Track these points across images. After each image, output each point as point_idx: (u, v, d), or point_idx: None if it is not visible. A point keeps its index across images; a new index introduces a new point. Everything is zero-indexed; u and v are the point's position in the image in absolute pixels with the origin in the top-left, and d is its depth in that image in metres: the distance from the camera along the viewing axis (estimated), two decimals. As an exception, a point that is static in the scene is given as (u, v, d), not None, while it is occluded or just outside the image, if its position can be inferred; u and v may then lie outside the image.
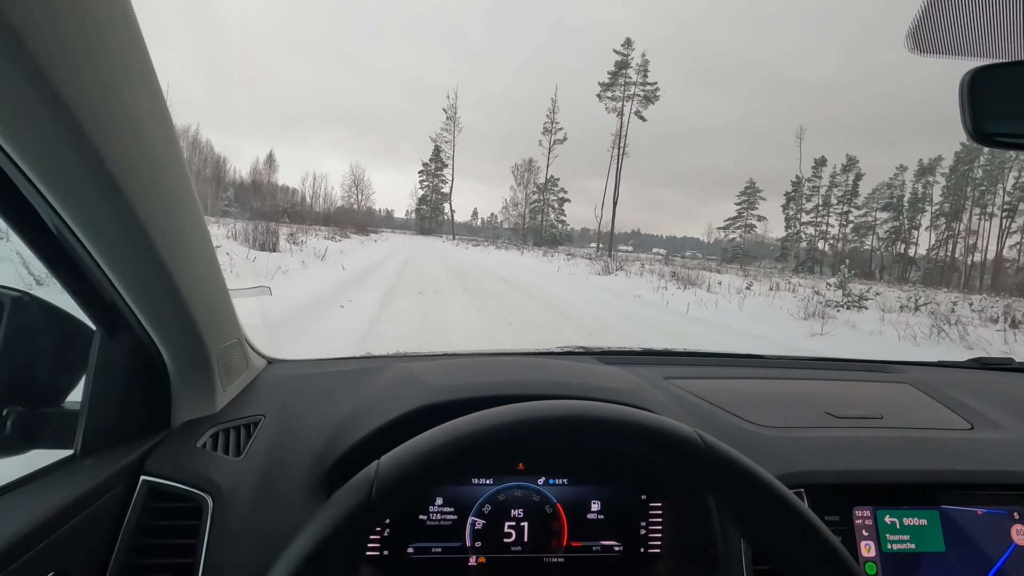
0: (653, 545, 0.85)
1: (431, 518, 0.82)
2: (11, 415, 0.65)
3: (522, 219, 75.49)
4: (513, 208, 78.74)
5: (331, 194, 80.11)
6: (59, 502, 0.57)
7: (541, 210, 71.98)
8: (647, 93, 60.08)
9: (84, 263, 0.60)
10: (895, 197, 60.95)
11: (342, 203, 76.47)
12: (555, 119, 68.09)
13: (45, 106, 0.44)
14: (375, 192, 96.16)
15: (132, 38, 0.52)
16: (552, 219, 71.00)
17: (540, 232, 69.70)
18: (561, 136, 68.27)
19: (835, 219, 64.33)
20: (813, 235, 65.63)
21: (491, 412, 0.46)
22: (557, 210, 71.60)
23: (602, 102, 60.59)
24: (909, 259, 59.14)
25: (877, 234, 62.43)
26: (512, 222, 78.34)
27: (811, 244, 65.11)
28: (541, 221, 71.15)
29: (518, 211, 77.52)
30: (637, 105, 60.01)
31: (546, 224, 70.87)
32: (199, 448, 0.75)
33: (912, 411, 1.04)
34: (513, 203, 78.70)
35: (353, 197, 79.32)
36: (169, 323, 0.71)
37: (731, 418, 0.94)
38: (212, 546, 0.66)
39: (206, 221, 0.74)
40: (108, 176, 0.51)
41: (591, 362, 1.15)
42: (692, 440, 0.44)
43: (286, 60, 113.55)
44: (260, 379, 0.99)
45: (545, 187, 70.77)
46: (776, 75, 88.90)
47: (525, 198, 76.20)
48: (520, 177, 77.58)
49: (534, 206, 73.62)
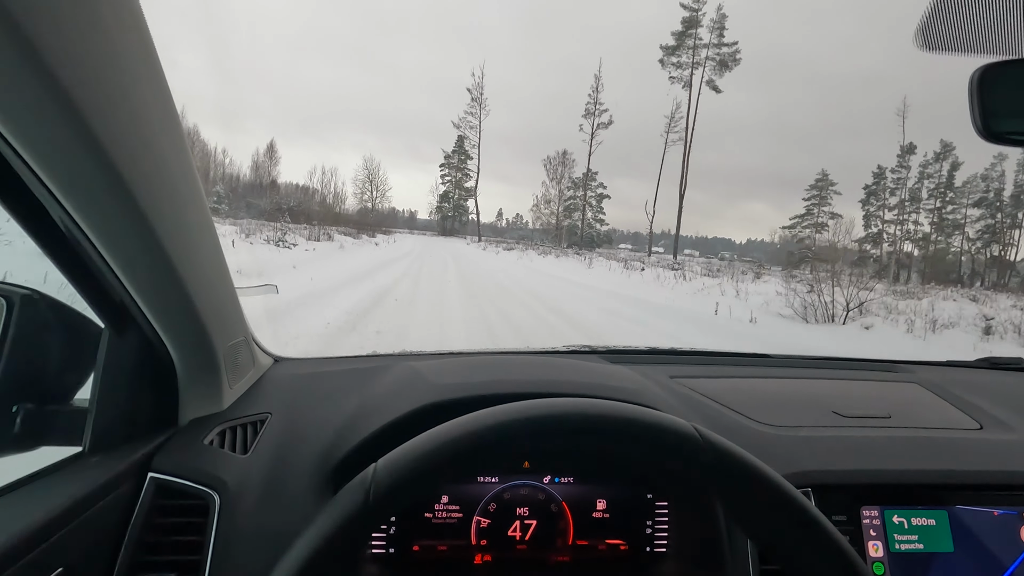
0: (659, 544, 0.85)
1: (437, 516, 0.82)
2: (20, 412, 0.66)
3: (555, 218, 66.27)
4: (545, 206, 68.67)
5: (342, 190, 70.12)
6: (67, 499, 0.58)
7: (578, 207, 62.58)
8: (724, 57, 45.59)
9: (93, 262, 0.60)
10: (991, 191, 47.75)
11: (355, 200, 67.91)
12: (598, 99, 56.37)
13: (55, 107, 0.44)
14: (391, 188, 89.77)
15: (141, 41, 0.52)
16: (589, 218, 61.89)
17: (577, 232, 61.18)
18: (606, 119, 56.99)
19: (924, 216, 50.95)
20: (897, 235, 52.23)
21: (485, 413, 0.46)
22: (595, 208, 62.04)
23: (665, 69, 47.02)
24: (1007, 263, 46.97)
25: (967, 234, 49.82)
26: (544, 221, 68.64)
27: (896, 246, 52.00)
28: (581, 221, 61.83)
29: (550, 209, 67.65)
30: (709, 72, 46.29)
31: (583, 223, 61.91)
32: (206, 446, 0.75)
33: (920, 411, 1.03)
34: (545, 200, 68.53)
35: (367, 194, 69.91)
36: (177, 321, 0.72)
37: (738, 417, 0.93)
38: (219, 543, 0.66)
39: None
40: (117, 176, 0.52)
41: (597, 361, 1.15)
42: (690, 435, 0.44)
43: (308, 60, 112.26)
44: (267, 377, 1.00)
45: (584, 181, 61.18)
46: (809, 68, 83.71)
47: (559, 195, 66.25)
48: (553, 171, 67.34)
49: (569, 203, 64.06)
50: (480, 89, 65.73)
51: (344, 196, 64.00)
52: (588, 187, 61.75)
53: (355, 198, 67.86)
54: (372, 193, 69.90)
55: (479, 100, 66.01)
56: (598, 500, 0.85)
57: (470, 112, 66.69)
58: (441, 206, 72.12)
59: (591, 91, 56.85)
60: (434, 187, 76.53)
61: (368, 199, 69.46)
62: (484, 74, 66.43)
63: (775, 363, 1.28)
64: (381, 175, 71.35)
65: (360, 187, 69.65)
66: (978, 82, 0.69)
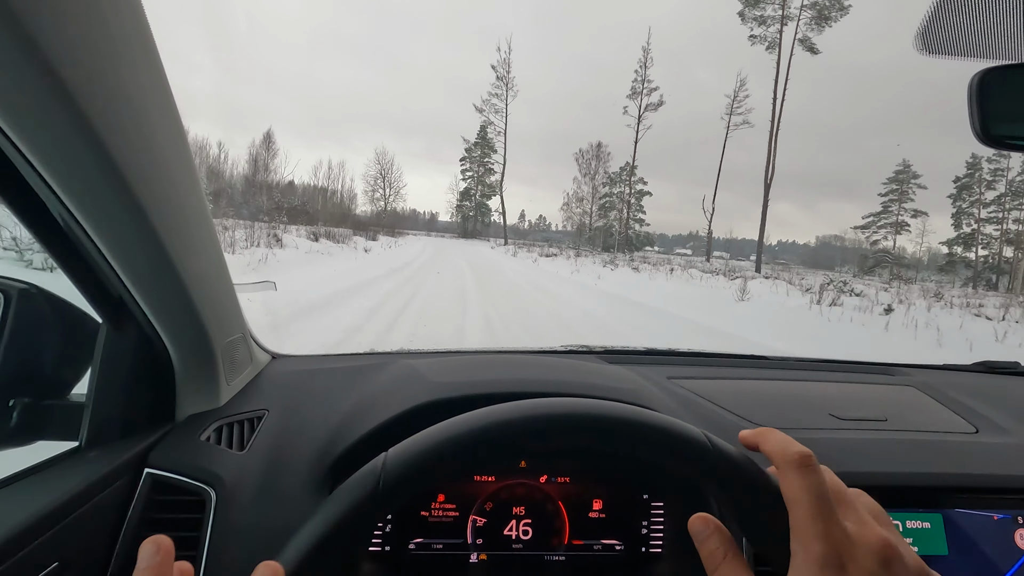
0: (654, 545, 0.85)
1: (433, 514, 0.82)
2: (17, 406, 0.66)
3: (588, 217, 58.45)
4: (576, 204, 60.87)
5: (350, 188, 66.17)
6: (64, 494, 0.58)
7: (614, 205, 55.27)
8: (822, 9, 35.39)
9: (91, 256, 0.60)
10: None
11: (366, 198, 63.07)
12: (646, 75, 48.24)
13: (54, 101, 0.44)
14: (406, 185, 79.26)
15: (142, 38, 0.52)
16: (627, 217, 54.27)
17: (613, 234, 53.93)
18: (655, 99, 48.72)
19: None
20: (995, 236, 42.67)
21: (499, 408, 0.46)
22: (634, 206, 54.17)
23: (745, 24, 36.97)
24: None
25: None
26: (576, 221, 60.63)
27: (992, 248, 42.82)
28: (619, 220, 54.38)
29: (583, 208, 59.89)
30: (803, 28, 36.14)
31: (620, 223, 54.10)
32: (203, 442, 0.75)
33: (916, 414, 1.03)
34: (576, 198, 60.74)
35: (379, 192, 63.53)
36: (174, 317, 0.71)
37: (734, 418, 0.93)
38: (215, 539, 0.66)
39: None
40: (116, 171, 0.52)
41: (595, 361, 1.15)
42: (700, 441, 0.44)
43: (325, 61, 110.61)
44: (264, 374, 1.00)
45: (628, 175, 52.68)
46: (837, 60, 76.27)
47: (592, 192, 58.45)
48: (585, 166, 59.23)
49: (604, 201, 56.67)
50: (507, 66, 56.59)
51: (353, 194, 58.96)
52: (629, 182, 54.00)
53: (366, 196, 63.28)
54: (385, 191, 63.78)
55: (505, 79, 57.16)
56: (594, 500, 0.85)
57: (495, 94, 58.38)
58: (461, 205, 66.22)
59: (638, 66, 48.27)
60: (454, 184, 70.41)
61: (380, 197, 63.64)
62: (511, 48, 57.31)
63: (772, 365, 1.28)
64: (395, 171, 65.48)
65: (372, 184, 63.95)
66: (978, 86, 0.69)
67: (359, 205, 59.81)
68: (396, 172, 65.84)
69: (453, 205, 68.22)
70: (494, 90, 58.48)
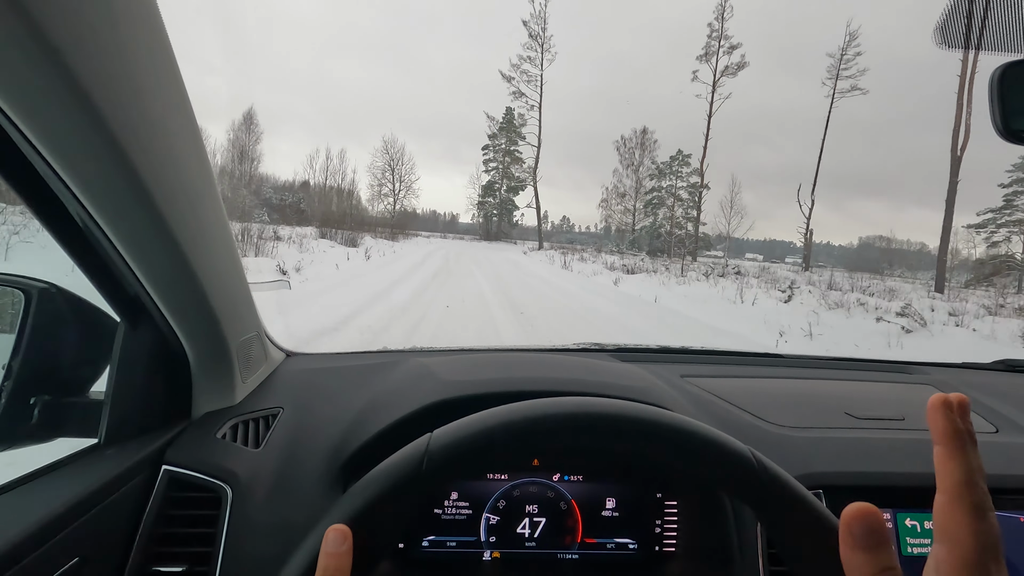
0: (668, 544, 0.84)
1: (446, 512, 0.82)
2: (38, 404, 0.67)
3: (632, 215, 47.73)
4: (617, 201, 49.14)
5: (352, 181, 55.70)
6: (83, 490, 0.58)
7: (664, 201, 44.93)
8: None
9: (109, 256, 0.61)
10: None
11: (372, 193, 52.12)
12: (724, 30, 37.52)
13: (73, 104, 0.45)
14: (419, 178, 67.98)
15: (157, 37, 0.53)
16: (679, 215, 44.22)
17: (661, 235, 43.86)
18: (736, 60, 37.65)
19: None
20: None
21: (548, 401, 0.46)
22: (687, 202, 44.03)
23: None
24: None
25: None
26: (618, 220, 49.28)
27: None
28: (670, 220, 43.77)
29: (624, 205, 48.50)
30: None
31: (672, 223, 43.73)
32: (219, 439, 0.76)
33: None
34: (617, 194, 48.96)
35: (387, 186, 51.37)
36: (191, 316, 0.72)
37: (748, 417, 0.93)
38: (231, 536, 0.67)
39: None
40: (133, 171, 0.52)
41: (607, 359, 1.14)
42: (746, 458, 0.43)
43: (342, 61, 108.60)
44: (279, 372, 1.00)
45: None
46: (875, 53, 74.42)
47: (636, 185, 47.36)
48: (628, 156, 47.47)
49: (652, 197, 45.82)
50: (542, 21, 44.00)
51: (355, 188, 50.47)
52: (677, 173, 44.22)
53: (373, 191, 52.16)
54: (395, 185, 51.52)
55: (540, 37, 44.23)
56: (607, 499, 0.85)
57: (526, 57, 44.86)
58: (483, 202, 54.42)
59: (714, 17, 37.70)
60: (474, 176, 59.15)
61: (389, 193, 51.52)
62: (547, 3, 44.26)
63: (787, 363, 1.27)
64: (407, 162, 53.32)
65: (379, 177, 51.90)
66: (998, 81, 0.68)
67: (363, 200, 51.94)
68: (407, 163, 53.72)
69: (474, 202, 56.19)
70: (526, 52, 45.07)
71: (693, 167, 43.75)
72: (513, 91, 46.98)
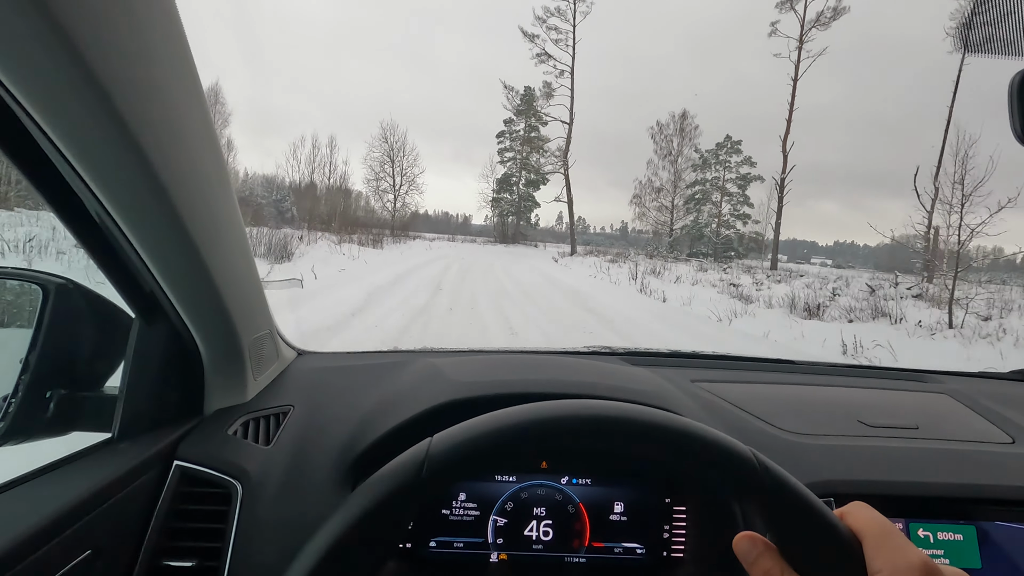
0: (676, 550, 0.84)
1: (454, 513, 0.82)
2: (54, 397, 0.68)
3: (669, 213, 40.77)
4: (652, 196, 41.74)
5: (344, 173, 43.72)
6: (96, 484, 0.59)
7: (708, 197, 39.27)
8: None
9: (125, 253, 0.62)
10: None
11: (369, 189, 43.49)
12: None
13: (94, 102, 0.46)
14: (423, 171, 54.86)
15: (176, 38, 0.54)
16: (726, 213, 38.46)
17: (704, 235, 38.67)
18: (831, 3, 29.13)
19: None
20: None
21: (546, 405, 0.46)
22: (736, 196, 38.53)
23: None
24: None
25: None
26: (653, 220, 41.98)
27: None
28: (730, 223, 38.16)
29: (660, 202, 41.27)
30: None
31: (719, 221, 38.31)
32: (230, 436, 0.77)
33: (949, 423, 1.00)
34: (653, 189, 41.62)
35: (385, 181, 42.74)
36: (204, 313, 0.73)
37: (759, 423, 0.92)
38: (240, 532, 0.68)
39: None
40: (151, 170, 0.53)
41: (617, 363, 1.14)
42: (747, 459, 0.43)
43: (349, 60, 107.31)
44: (290, 370, 1.01)
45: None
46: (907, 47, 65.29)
47: (674, 178, 40.39)
48: (664, 144, 40.41)
49: (696, 192, 39.56)
50: None
51: (346, 180, 41.50)
52: (725, 163, 38.12)
53: (369, 187, 43.22)
54: (396, 180, 42.48)
55: None
56: (615, 503, 0.84)
57: (553, 11, 35.99)
58: (499, 199, 46.05)
59: None
60: (487, 167, 50.94)
61: (388, 190, 42.49)
62: None
63: (799, 369, 1.26)
64: (409, 152, 43.84)
65: (376, 171, 42.76)
66: (1018, 87, 0.67)
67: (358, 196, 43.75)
68: (410, 154, 44.06)
69: (487, 199, 46.92)
70: (552, 3, 37.11)
71: (744, 155, 38.09)
72: (538, 53, 37.32)
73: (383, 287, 9.63)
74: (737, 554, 0.42)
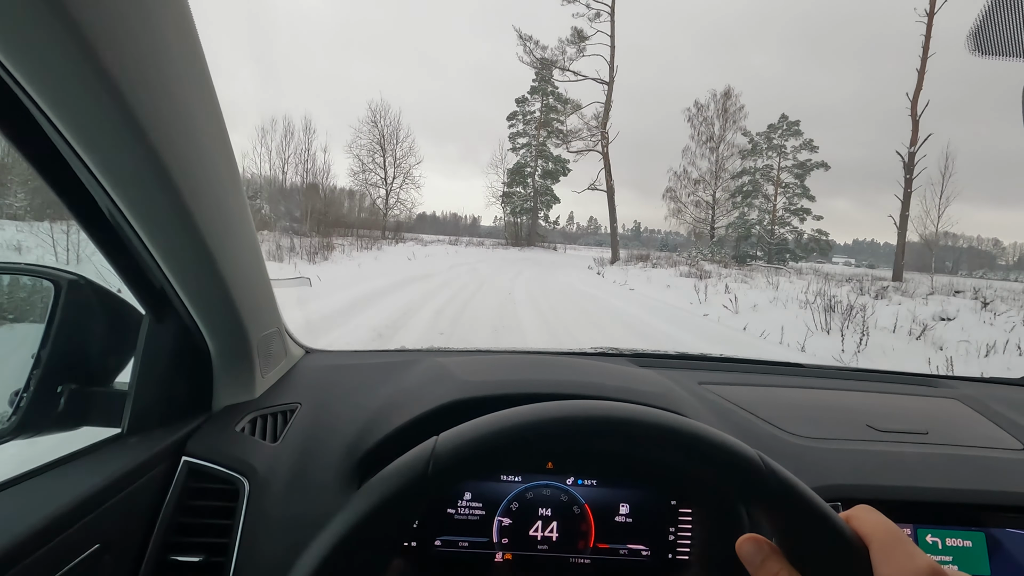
0: (682, 552, 0.84)
1: (459, 512, 0.83)
2: (65, 392, 0.69)
3: (709, 209, 33.57)
4: (687, 189, 34.15)
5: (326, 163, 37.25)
6: (106, 478, 0.60)
7: (759, 188, 32.53)
8: None
9: (136, 250, 0.63)
10: None
11: (354, 181, 35.22)
12: None
13: (108, 102, 0.46)
14: (421, 160, 42.22)
15: (188, 37, 0.54)
16: (780, 208, 31.97)
17: (752, 234, 32.22)
18: None
19: None
20: None
21: (553, 405, 0.46)
22: (793, 187, 31.82)
23: None
24: None
25: None
26: (691, 217, 34.32)
27: None
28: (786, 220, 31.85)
29: (696, 196, 33.93)
30: None
31: (773, 218, 31.69)
32: (238, 432, 0.77)
33: (960, 428, 0.99)
34: (689, 180, 34.03)
35: (375, 173, 34.99)
36: (214, 310, 0.74)
37: (766, 426, 0.91)
38: (247, 528, 0.68)
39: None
40: (163, 169, 0.54)
41: (625, 364, 1.14)
42: (753, 461, 0.43)
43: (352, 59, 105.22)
44: (298, 368, 1.02)
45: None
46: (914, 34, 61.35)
47: (716, 167, 33.05)
48: (704, 126, 33.29)
49: (743, 184, 32.64)
50: None
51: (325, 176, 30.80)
52: (781, 149, 31.66)
53: (354, 179, 34.92)
54: (387, 172, 34.64)
55: None
56: (621, 504, 0.84)
57: None
58: (511, 193, 38.46)
59: None
60: (496, 155, 43.52)
61: (380, 183, 34.82)
62: None
63: (808, 373, 1.25)
64: (403, 138, 35.58)
65: (364, 161, 34.69)
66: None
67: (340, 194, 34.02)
68: (405, 140, 35.89)
69: (497, 194, 38.80)
70: None
71: (804, 138, 31.07)
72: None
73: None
74: (741, 557, 0.41)
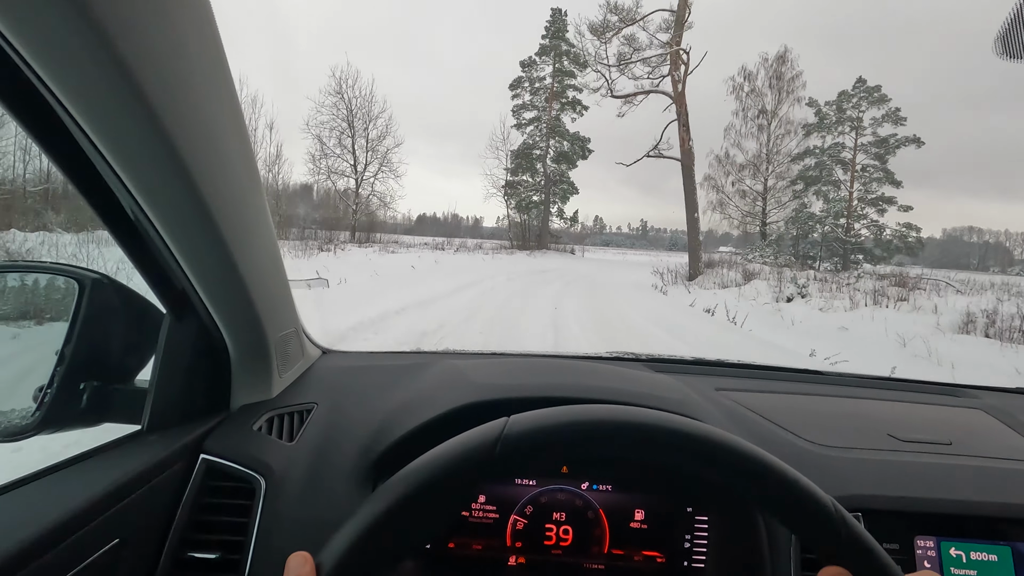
0: (697, 560, 0.83)
1: (473, 515, 0.82)
2: (88, 389, 0.70)
3: (760, 200, 27.27)
4: (732, 177, 27.57)
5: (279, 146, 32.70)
6: (125, 475, 0.61)
7: (827, 172, 24.79)
8: None
9: (158, 250, 0.64)
10: None
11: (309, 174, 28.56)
12: None
13: (135, 108, 0.47)
14: (403, 143, 38.53)
15: (210, 40, 0.55)
16: (857, 198, 24.38)
17: (816, 234, 24.24)
18: None
19: None
20: None
21: (630, 410, 0.45)
22: (871, 173, 24.19)
23: None
24: None
25: None
26: (738, 211, 27.70)
27: None
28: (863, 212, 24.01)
29: (743, 184, 27.42)
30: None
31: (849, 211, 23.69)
32: (255, 431, 0.78)
33: (984, 439, 0.97)
34: (733, 166, 27.57)
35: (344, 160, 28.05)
36: (233, 310, 0.75)
37: (785, 434, 0.90)
38: (263, 526, 0.69)
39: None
40: (186, 172, 0.55)
41: (641, 369, 1.13)
42: (826, 507, 0.42)
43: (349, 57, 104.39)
44: (314, 368, 1.02)
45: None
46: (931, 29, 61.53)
47: (766, 150, 26.70)
48: (752, 101, 26.73)
49: (806, 168, 25.61)
50: None
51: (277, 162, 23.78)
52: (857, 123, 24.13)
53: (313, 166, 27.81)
54: (356, 157, 27.70)
55: None
56: (636, 510, 0.83)
57: None
58: (515, 182, 31.18)
59: None
60: (498, 133, 36.84)
61: (351, 172, 27.84)
62: None
63: (828, 381, 1.23)
64: (377, 113, 28.39)
65: (326, 143, 27.60)
66: None
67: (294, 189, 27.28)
68: (380, 114, 28.86)
69: (499, 183, 31.72)
70: None
71: (890, 107, 23.67)
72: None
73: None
74: None
